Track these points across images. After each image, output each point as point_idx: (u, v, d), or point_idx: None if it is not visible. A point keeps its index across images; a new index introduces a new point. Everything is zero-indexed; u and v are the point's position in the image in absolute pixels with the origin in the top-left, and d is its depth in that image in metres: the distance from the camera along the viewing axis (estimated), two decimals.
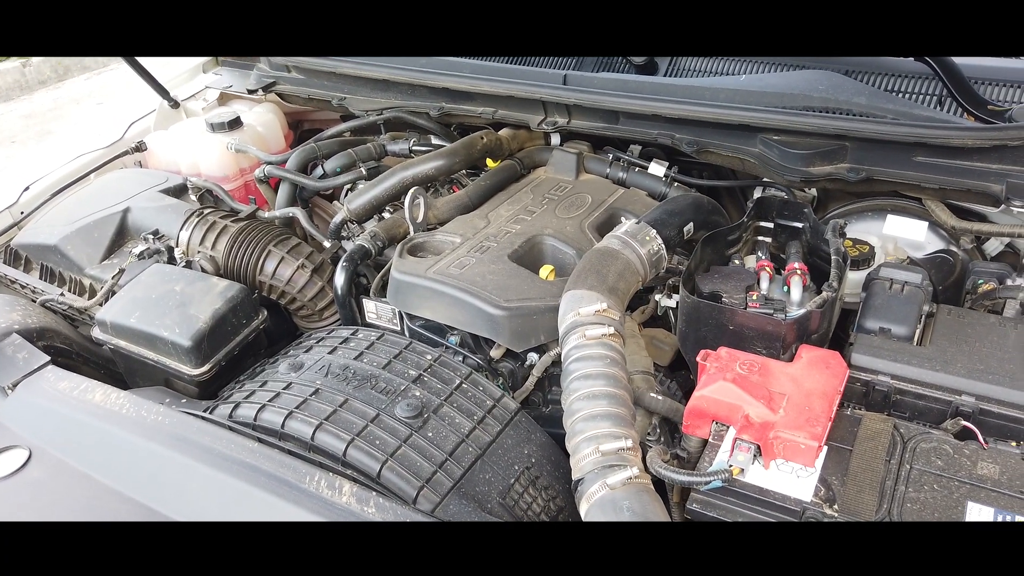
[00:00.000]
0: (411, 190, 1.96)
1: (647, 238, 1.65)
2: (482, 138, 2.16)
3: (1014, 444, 1.26)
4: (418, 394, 1.53)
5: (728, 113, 1.87)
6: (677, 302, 1.86)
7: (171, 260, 1.98)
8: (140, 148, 2.51)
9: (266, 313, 1.82)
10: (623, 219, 2.01)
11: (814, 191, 2.09)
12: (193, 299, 1.72)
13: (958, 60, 1.82)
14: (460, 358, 1.72)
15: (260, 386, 1.58)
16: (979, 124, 1.69)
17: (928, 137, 1.67)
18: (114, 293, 1.89)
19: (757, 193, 2.16)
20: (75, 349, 1.84)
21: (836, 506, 1.18)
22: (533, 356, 1.75)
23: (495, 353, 1.76)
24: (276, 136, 2.67)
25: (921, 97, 1.93)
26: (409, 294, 1.77)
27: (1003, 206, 1.69)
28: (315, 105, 2.67)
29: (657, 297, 1.87)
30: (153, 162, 2.55)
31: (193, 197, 2.19)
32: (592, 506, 1.18)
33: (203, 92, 2.80)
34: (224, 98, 2.80)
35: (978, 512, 1.14)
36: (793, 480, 1.23)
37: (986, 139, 1.63)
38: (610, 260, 1.60)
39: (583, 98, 2.02)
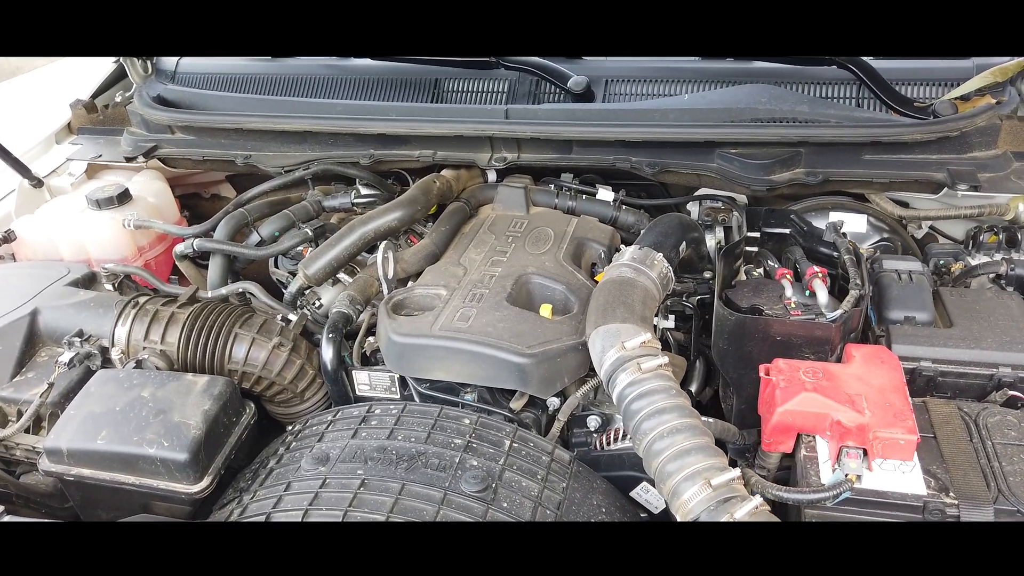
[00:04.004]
0: (382, 245, 1.81)
1: (655, 262, 1.64)
2: (435, 182, 2.05)
3: None
4: (475, 463, 1.40)
5: (690, 132, 1.91)
6: (677, 321, 1.88)
7: (106, 363, 1.69)
8: (8, 238, 2.13)
9: (253, 407, 1.59)
10: (592, 247, 2.00)
11: (744, 198, 2.19)
12: (172, 404, 1.46)
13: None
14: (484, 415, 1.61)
15: (285, 489, 1.37)
16: (919, 120, 1.85)
17: (882, 136, 1.81)
18: (40, 415, 1.58)
19: (693, 207, 2.22)
20: (12, 490, 1.50)
21: (952, 494, 1.21)
22: (554, 401, 1.67)
23: (516, 404, 1.66)
24: (169, 205, 2.38)
25: (848, 101, 2.07)
26: (417, 357, 1.62)
27: (944, 190, 1.86)
28: (209, 167, 2.41)
29: (655, 319, 1.86)
30: (25, 252, 2.17)
31: (108, 286, 1.88)
32: None
33: (66, 166, 2.43)
34: (92, 170, 2.45)
35: None
36: (899, 477, 1.25)
37: (932, 132, 1.79)
38: (630, 289, 1.57)
39: (540, 130, 1.98)
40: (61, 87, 2.77)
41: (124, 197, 2.21)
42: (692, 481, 1.20)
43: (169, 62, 2.60)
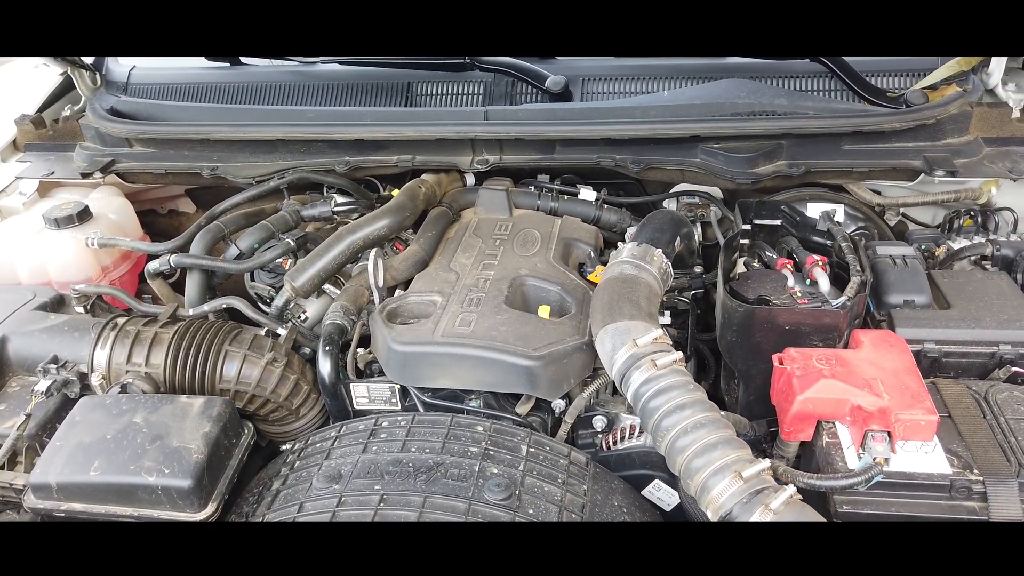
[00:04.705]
0: (372, 253, 1.76)
1: (654, 257, 1.64)
2: (420, 187, 2.00)
3: None
4: (496, 471, 1.36)
5: (675, 128, 1.92)
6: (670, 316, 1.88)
7: (86, 390, 1.59)
8: None
9: (252, 427, 1.51)
10: (579, 247, 1.98)
11: (720, 192, 2.21)
12: (169, 428, 1.38)
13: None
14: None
15: (298, 511, 1.31)
16: (896, 109, 1.90)
17: (862, 125, 1.85)
18: (15, 449, 1.48)
19: (672, 204, 2.24)
20: None
21: (976, 471, 1.23)
22: (559, 403, 1.65)
23: (523, 408, 1.63)
24: (131, 221, 2.26)
25: (821, 93, 2.11)
26: (421, 365, 1.58)
27: (921, 177, 1.91)
28: (172, 180, 2.30)
29: None
30: None
31: (79, 308, 1.77)
32: None
33: (15, 184, 2.29)
34: (45, 188, 2.32)
35: None
36: (923, 457, 1.26)
37: (909, 120, 1.84)
38: (633, 286, 1.56)
39: (524, 131, 1.96)
40: None
41: (84, 215, 2.09)
42: (722, 475, 1.18)
43: (120, 73, 2.49)
